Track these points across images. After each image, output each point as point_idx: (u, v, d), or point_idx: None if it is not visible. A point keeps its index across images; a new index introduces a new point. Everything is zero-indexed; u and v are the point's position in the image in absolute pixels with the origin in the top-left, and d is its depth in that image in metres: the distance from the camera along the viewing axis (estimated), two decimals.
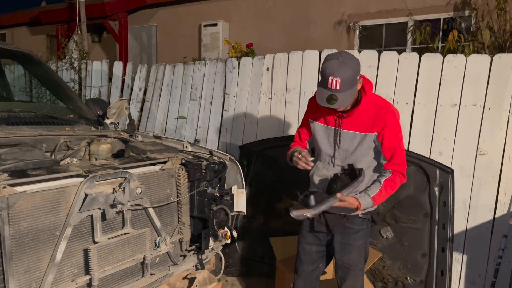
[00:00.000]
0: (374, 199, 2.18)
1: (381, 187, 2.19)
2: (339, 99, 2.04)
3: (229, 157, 2.71)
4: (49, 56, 8.27)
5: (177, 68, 4.72)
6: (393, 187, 2.21)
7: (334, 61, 2.04)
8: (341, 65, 2.02)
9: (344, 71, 2.01)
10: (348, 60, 2.05)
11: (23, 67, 4.09)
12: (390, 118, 2.17)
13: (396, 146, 2.20)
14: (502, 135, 3.11)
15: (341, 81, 2.01)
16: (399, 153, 2.21)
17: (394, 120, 2.19)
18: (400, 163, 2.21)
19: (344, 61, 2.03)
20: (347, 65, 2.03)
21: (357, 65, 2.09)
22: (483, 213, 3.13)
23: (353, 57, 2.10)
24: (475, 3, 4.59)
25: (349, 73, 2.02)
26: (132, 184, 2.01)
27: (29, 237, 1.71)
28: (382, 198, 2.21)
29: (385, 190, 2.19)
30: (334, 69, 2.02)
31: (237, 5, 6.64)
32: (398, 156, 2.20)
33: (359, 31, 5.73)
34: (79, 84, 5.49)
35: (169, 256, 2.35)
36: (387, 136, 2.18)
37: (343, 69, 2.01)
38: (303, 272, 2.49)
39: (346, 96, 2.06)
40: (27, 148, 2.12)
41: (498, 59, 3.16)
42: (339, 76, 2.01)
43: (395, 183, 2.21)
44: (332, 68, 2.03)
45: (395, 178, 2.20)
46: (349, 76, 2.03)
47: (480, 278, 3.14)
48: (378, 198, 2.19)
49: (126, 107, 2.90)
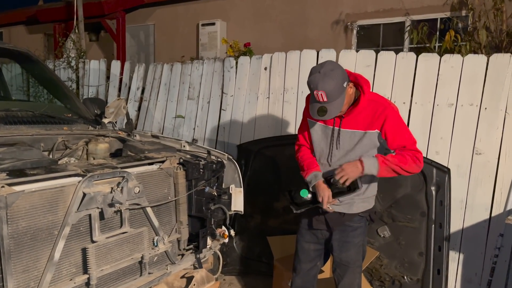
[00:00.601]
0: (380, 161, 2.14)
1: (389, 155, 2.18)
2: (329, 110, 2.10)
3: (227, 156, 2.71)
4: (47, 55, 8.25)
5: (175, 67, 4.72)
6: (404, 161, 2.15)
7: (316, 75, 2.09)
8: (323, 78, 2.06)
9: (327, 84, 2.05)
10: (329, 71, 2.08)
11: (20, 66, 4.08)
12: (389, 113, 2.18)
13: (402, 137, 2.19)
14: (499, 134, 3.13)
15: (326, 93, 2.06)
16: (406, 141, 2.19)
17: (393, 114, 2.19)
18: (413, 149, 2.18)
19: (325, 74, 2.07)
20: (328, 77, 2.06)
21: (341, 73, 2.11)
22: (480, 212, 3.15)
23: (335, 67, 2.12)
24: (472, 3, 4.61)
25: (332, 84, 2.06)
26: (130, 183, 2.02)
27: (28, 236, 1.72)
28: (390, 164, 2.14)
29: (392, 158, 2.15)
30: (317, 83, 2.07)
31: (235, 4, 6.64)
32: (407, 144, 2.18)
33: (357, 31, 5.74)
34: (76, 83, 5.48)
35: (167, 255, 2.35)
36: (389, 131, 2.18)
37: (325, 82, 2.06)
38: (301, 270, 2.51)
39: (335, 106, 2.10)
40: (25, 147, 2.13)
41: (495, 59, 3.17)
42: (322, 90, 2.06)
43: (407, 158, 2.15)
44: (315, 82, 2.08)
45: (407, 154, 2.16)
46: (333, 87, 2.06)
47: (476, 276, 3.16)
48: (385, 162, 2.14)
49: (124, 106, 2.90)
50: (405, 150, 2.19)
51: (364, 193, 2.32)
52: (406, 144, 2.19)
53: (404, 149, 2.19)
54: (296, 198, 2.34)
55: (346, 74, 2.14)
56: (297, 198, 2.34)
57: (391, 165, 2.16)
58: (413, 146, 2.21)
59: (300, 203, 2.33)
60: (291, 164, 3.33)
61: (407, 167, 2.17)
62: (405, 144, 2.19)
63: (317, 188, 2.25)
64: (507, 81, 3.12)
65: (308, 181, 2.31)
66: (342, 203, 2.31)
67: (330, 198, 2.22)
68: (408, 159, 2.16)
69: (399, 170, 2.17)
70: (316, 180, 2.27)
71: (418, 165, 2.19)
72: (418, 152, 2.21)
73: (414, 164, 2.17)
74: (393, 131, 2.18)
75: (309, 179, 2.31)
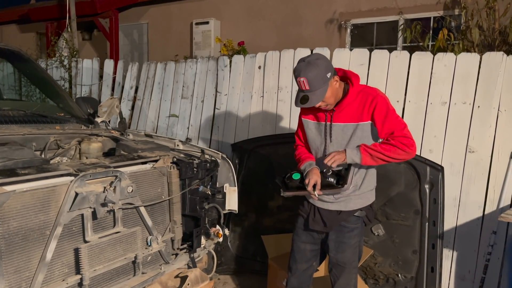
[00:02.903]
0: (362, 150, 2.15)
1: (373, 144, 2.18)
2: (310, 98, 2.13)
3: (221, 155, 2.71)
4: (39, 54, 8.19)
5: (169, 66, 4.70)
6: (388, 149, 2.13)
7: (301, 63, 2.14)
8: (307, 66, 2.11)
9: (309, 71, 2.10)
10: (314, 60, 2.13)
11: (12, 65, 4.04)
12: (378, 101, 2.18)
13: (391, 123, 2.16)
14: (491, 132, 3.14)
15: (308, 80, 2.10)
16: (394, 127, 2.16)
17: (382, 102, 2.18)
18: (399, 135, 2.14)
19: (309, 62, 2.12)
20: (311, 65, 2.10)
21: (325, 63, 2.14)
22: (473, 210, 3.16)
23: (320, 57, 2.16)
24: (465, 2, 4.63)
25: (314, 72, 2.09)
26: (123, 182, 2.00)
27: (19, 237, 1.70)
28: (373, 152, 2.14)
29: (375, 146, 2.15)
30: (300, 70, 2.13)
31: (228, 3, 6.62)
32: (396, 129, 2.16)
33: (351, 30, 5.75)
34: (69, 82, 5.45)
35: (161, 254, 2.34)
36: (378, 119, 2.18)
37: (308, 69, 2.10)
38: (296, 271, 2.51)
39: (317, 95, 2.13)
40: (17, 147, 2.10)
41: (487, 58, 3.19)
42: (304, 76, 2.10)
43: (391, 146, 2.14)
44: (298, 70, 2.14)
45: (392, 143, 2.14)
46: (315, 75, 2.09)
47: (469, 274, 3.18)
48: (367, 150, 2.14)
49: (117, 105, 2.88)
50: (393, 136, 2.16)
51: (359, 189, 2.31)
52: (394, 130, 2.16)
53: (392, 135, 2.16)
54: (288, 181, 2.35)
55: (331, 67, 2.17)
56: (289, 181, 2.34)
57: (374, 154, 2.14)
58: (402, 131, 2.16)
59: (290, 187, 2.34)
60: (285, 163, 3.34)
61: (393, 154, 2.14)
62: (393, 129, 2.16)
63: (309, 173, 2.26)
64: (500, 79, 3.13)
65: (303, 169, 2.33)
66: (338, 200, 2.31)
67: (318, 183, 2.21)
68: (395, 146, 2.14)
69: (385, 158, 2.15)
70: (310, 167, 2.29)
71: (407, 151, 2.14)
72: (407, 137, 2.15)
73: (401, 150, 2.13)
74: (382, 119, 2.18)
75: (303, 168, 2.33)
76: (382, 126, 2.18)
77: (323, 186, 2.23)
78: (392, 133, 2.16)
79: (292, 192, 2.34)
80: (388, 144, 2.15)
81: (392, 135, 2.16)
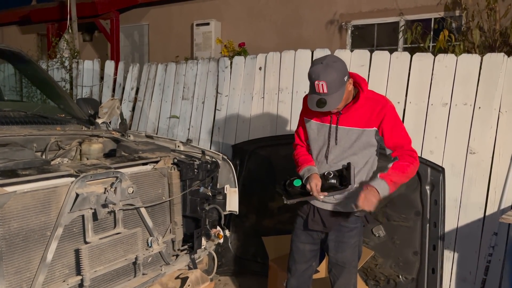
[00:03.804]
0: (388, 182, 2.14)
1: (389, 170, 2.18)
2: (328, 102, 2.10)
3: (221, 157, 2.71)
4: (40, 55, 8.20)
5: (169, 67, 4.70)
6: (403, 168, 2.16)
7: (318, 66, 2.09)
8: (325, 68, 2.07)
9: (329, 74, 2.06)
10: (332, 63, 2.09)
11: (13, 66, 4.05)
12: (388, 111, 2.19)
13: (399, 135, 2.20)
14: (492, 134, 3.14)
15: (327, 84, 2.06)
16: (403, 140, 2.20)
17: (391, 112, 2.20)
18: (408, 149, 2.20)
19: (327, 64, 2.08)
20: (331, 68, 2.07)
21: (342, 66, 2.11)
22: (474, 211, 3.16)
23: (337, 59, 2.13)
24: (466, 3, 4.63)
25: (334, 75, 2.06)
26: (123, 183, 2.00)
27: (20, 238, 1.70)
28: (395, 180, 2.16)
29: (394, 172, 2.16)
30: (319, 73, 2.07)
31: (229, 4, 6.63)
32: (403, 144, 2.20)
33: (351, 31, 5.75)
34: (70, 84, 5.45)
35: (162, 255, 2.34)
36: (387, 129, 2.19)
37: (327, 72, 2.06)
38: (296, 271, 2.50)
39: (335, 98, 2.10)
40: (17, 148, 2.10)
41: (488, 59, 3.19)
42: (324, 80, 2.06)
43: (404, 163, 2.17)
44: (316, 72, 2.08)
45: (403, 160, 2.18)
46: (335, 79, 2.07)
47: (470, 275, 3.17)
48: (392, 179, 2.15)
49: (118, 106, 2.88)
50: (402, 150, 2.19)
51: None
52: (404, 144, 2.20)
53: (400, 149, 2.20)
54: (290, 188, 2.35)
55: (347, 70, 2.15)
56: (291, 189, 2.34)
57: (396, 180, 2.18)
58: (409, 145, 2.22)
59: (293, 194, 2.33)
60: (286, 164, 3.33)
61: (408, 173, 2.19)
62: (402, 143, 2.20)
63: (309, 179, 2.25)
64: (501, 80, 3.13)
65: (302, 175, 2.32)
66: (338, 201, 2.31)
67: (319, 186, 2.21)
68: (406, 164, 2.17)
69: (404, 179, 2.21)
70: (309, 173, 2.28)
71: (416, 165, 2.21)
72: (414, 151, 2.22)
73: (412, 166, 2.19)
74: (391, 129, 2.19)
75: (302, 173, 2.32)
76: (391, 136, 2.19)
77: (326, 188, 2.23)
78: (402, 146, 2.20)
79: (296, 199, 2.34)
80: (402, 165, 2.18)
81: (402, 148, 2.20)
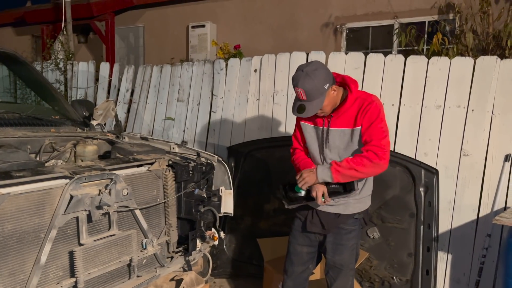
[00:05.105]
0: (332, 168, 2.17)
1: (343, 161, 2.19)
2: (307, 108, 2.14)
3: (216, 158, 2.71)
4: (34, 57, 8.17)
5: (165, 69, 4.70)
6: (359, 163, 2.14)
7: (299, 73, 2.14)
8: (305, 77, 2.11)
9: (307, 83, 2.10)
10: (312, 71, 2.11)
11: (7, 67, 4.02)
12: (371, 108, 2.18)
13: (373, 131, 2.16)
14: (485, 136, 3.16)
15: (305, 92, 2.11)
16: (375, 135, 2.15)
17: (374, 108, 2.18)
18: (376, 145, 2.14)
19: (307, 73, 2.11)
20: (310, 77, 2.10)
21: (323, 74, 2.12)
22: (467, 213, 3.18)
23: (318, 67, 2.14)
24: (459, 6, 4.67)
25: (311, 84, 2.09)
26: (118, 185, 2.00)
27: (13, 239, 1.69)
28: (343, 170, 2.16)
29: (347, 162, 2.16)
30: (298, 80, 2.13)
31: (224, 7, 6.64)
32: (374, 138, 2.15)
33: (346, 33, 5.78)
34: (64, 85, 5.43)
35: (156, 257, 2.34)
36: (365, 125, 2.18)
37: (306, 80, 2.10)
38: (292, 273, 2.50)
39: (314, 105, 2.14)
40: (11, 149, 2.09)
41: (481, 62, 3.21)
42: (302, 88, 2.11)
43: (363, 159, 2.14)
44: (296, 79, 2.14)
45: (364, 155, 2.15)
46: (312, 87, 2.10)
47: (464, 277, 3.19)
48: (338, 168, 2.16)
49: (113, 108, 2.88)
50: (370, 144, 2.16)
51: (359, 194, 2.32)
52: (373, 138, 2.15)
53: (368, 144, 2.17)
54: (290, 193, 2.35)
55: (330, 77, 2.16)
56: (291, 193, 2.34)
57: (344, 170, 2.16)
58: (379, 141, 2.15)
59: (294, 198, 2.33)
60: (281, 166, 3.35)
61: (362, 168, 2.14)
62: (372, 137, 2.16)
63: (314, 186, 2.24)
64: (494, 83, 3.16)
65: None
66: (337, 203, 2.32)
67: (326, 195, 2.22)
68: (362, 161, 2.14)
69: (355, 173, 2.16)
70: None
71: (376, 162, 2.13)
72: (381, 148, 2.14)
73: (370, 163, 2.13)
74: (367, 124, 2.18)
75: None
76: (365, 131, 2.19)
77: (330, 193, 2.23)
78: (371, 140, 2.16)
79: (297, 203, 2.33)
80: (359, 157, 2.16)
81: (370, 143, 2.16)
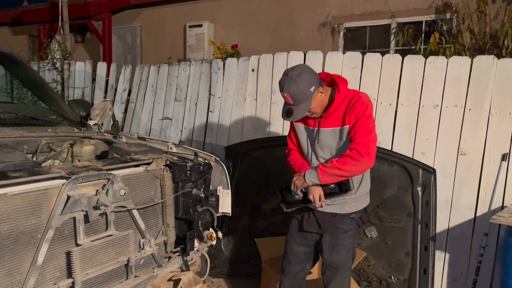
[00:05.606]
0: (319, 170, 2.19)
1: (329, 162, 2.20)
2: (294, 112, 2.18)
3: (214, 158, 2.70)
4: (31, 57, 8.13)
5: (162, 69, 4.69)
6: (343, 162, 2.14)
7: (284, 77, 2.17)
8: (289, 82, 2.14)
9: (292, 87, 2.13)
10: (297, 75, 2.13)
11: (4, 67, 4.00)
12: (358, 104, 2.18)
13: (358, 128, 2.16)
14: (483, 135, 3.17)
15: (291, 96, 2.14)
16: (360, 132, 2.15)
17: (361, 105, 2.18)
18: (360, 142, 2.13)
19: (292, 77, 2.13)
20: (294, 81, 2.12)
21: (307, 78, 2.14)
22: (465, 212, 3.19)
23: (303, 71, 2.15)
24: (456, 6, 4.68)
25: (296, 88, 2.12)
26: (115, 185, 1.99)
27: (10, 240, 1.68)
28: (329, 170, 2.17)
29: (331, 163, 2.18)
30: (283, 85, 2.16)
31: (222, 6, 6.63)
32: (359, 135, 2.15)
33: (344, 33, 5.78)
34: (61, 85, 5.41)
35: (154, 258, 2.33)
36: (352, 121, 2.19)
37: (291, 85, 2.13)
38: (290, 272, 2.51)
39: (301, 109, 2.17)
40: (8, 149, 2.08)
41: (478, 61, 3.22)
42: (287, 92, 2.15)
43: (346, 158, 2.14)
44: (282, 84, 2.18)
45: (347, 154, 2.15)
46: (298, 91, 2.12)
47: (462, 275, 3.20)
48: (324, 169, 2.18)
49: (110, 108, 2.87)
50: (353, 143, 2.16)
51: (355, 193, 2.32)
52: (357, 136, 2.15)
53: (353, 142, 2.17)
54: (287, 197, 2.36)
55: (315, 79, 2.17)
56: (288, 197, 2.36)
57: (329, 170, 2.17)
58: (363, 138, 2.13)
59: (291, 202, 2.34)
60: (279, 166, 3.34)
61: (346, 167, 2.14)
62: (356, 135, 2.16)
63: (309, 187, 2.25)
64: (491, 82, 3.16)
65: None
66: (334, 203, 2.32)
67: (323, 197, 2.23)
68: (347, 158, 2.14)
69: (340, 172, 2.17)
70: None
71: (359, 159, 2.11)
72: (364, 145, 2.12)
73: (354, 162, 2.12)
74: (354, 121, 2.18)
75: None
76: (352, 127, 2.19)
77: (326, 194, 2.25)
78: (355, 138, 2.16)
79: (295, 207, 2.35)
80: (343, 156, 2.17)
81: (354, 141, 2.17)
